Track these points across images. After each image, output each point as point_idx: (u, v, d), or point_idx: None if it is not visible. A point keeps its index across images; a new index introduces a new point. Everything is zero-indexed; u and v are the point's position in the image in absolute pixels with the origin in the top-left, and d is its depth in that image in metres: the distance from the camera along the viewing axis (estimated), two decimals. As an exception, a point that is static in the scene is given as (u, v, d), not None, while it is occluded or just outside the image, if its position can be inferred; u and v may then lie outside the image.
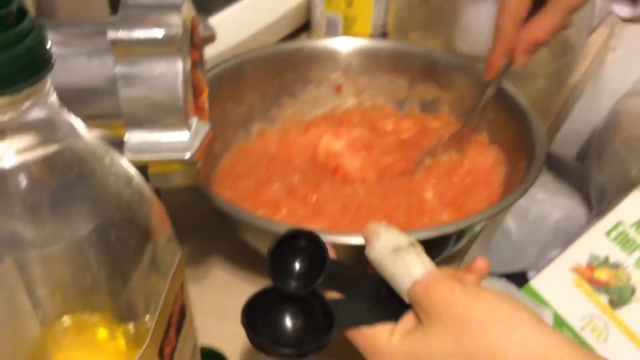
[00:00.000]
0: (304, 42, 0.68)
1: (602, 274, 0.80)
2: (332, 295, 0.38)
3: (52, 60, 0.23)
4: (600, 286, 0.80)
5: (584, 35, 0.76)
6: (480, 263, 0.38)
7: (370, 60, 0.66)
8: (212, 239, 0.56)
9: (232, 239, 0.55)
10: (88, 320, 0.31)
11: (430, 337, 0.32)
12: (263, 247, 0.48)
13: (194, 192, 0.47)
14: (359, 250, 0.37)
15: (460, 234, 0.47)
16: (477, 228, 0.50)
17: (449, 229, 0.45)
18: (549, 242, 0.89)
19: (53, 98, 0.24)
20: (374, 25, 0.78)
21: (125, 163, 0.27)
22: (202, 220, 0.57)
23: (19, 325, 0.28)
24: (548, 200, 0.89)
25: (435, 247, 0.46)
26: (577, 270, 0.77)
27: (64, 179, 0.25)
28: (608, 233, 0.82)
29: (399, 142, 0.62)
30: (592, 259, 0.78)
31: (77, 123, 0.25)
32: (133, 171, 0.27)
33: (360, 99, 0.67)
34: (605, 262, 0.81)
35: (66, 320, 0.31)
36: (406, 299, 0.35)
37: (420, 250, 0.36)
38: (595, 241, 0.80)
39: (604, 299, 0.80)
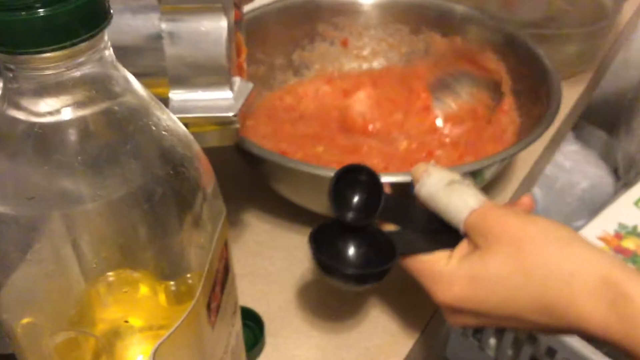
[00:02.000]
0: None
1: (629, 243, 0.80)
2: (389, 227, 0.40)
3: (110, 14, 0.23)
4: (627, 255, 0.80)
5: (620, 0, 0.74)
6: (526, 199, 0.40)
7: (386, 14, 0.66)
8: (242, 202, 0.56)
9: (262, 202, 0.56)
10: (130, 277, 0.31)
11: (488, 258, 0.35)
12: (299, 195, 0.50)
13: (227, 151, 0.47)
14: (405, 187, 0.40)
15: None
16: (486, 174, 0.50)
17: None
18: (575, 211, 0.89)
19: (110, 52, 0.24)
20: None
21: (177, 120, 0.27)
22: (232, 184, 0.58)
23: (64, 280, 0.28)
24: (575, 169, 0.88)
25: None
26: (604, 239, 0.76)
27: (120, 133, 0.25)
28: (637, 202, 0.81)
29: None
30: (620, 228, 0.78)
31: (132, 79, 0.26)
32: (184, 128, 0.27)
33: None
34: (634, 231, 0.80)
35: (110, 276, 0.31)
36: (461, 229, 0.37)
37: (471, 183, 0.38)
38: (624, 210, 0.80)
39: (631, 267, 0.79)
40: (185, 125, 0.36)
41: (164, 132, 0.26)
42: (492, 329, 0.65)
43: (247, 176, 0.58)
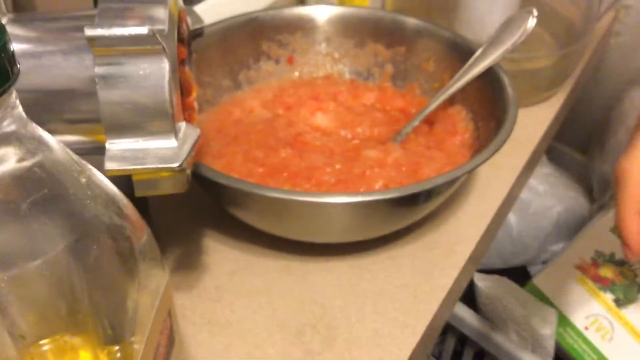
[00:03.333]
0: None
1: (607, 272, 0.78)
2: None
3: (16, 69, 0.20)
4: (605, 284, 0.78)
5: (591, 21, 0.73)
6: None
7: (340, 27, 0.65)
8: (201, 241, 0.53)
9: (222, 240, 0.53)
10: (69, 343, 0.29)
11: None
12: (265, 223, 0.49)
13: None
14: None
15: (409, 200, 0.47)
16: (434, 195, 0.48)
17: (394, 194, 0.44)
18: (551, 235, 0.87)
19: (19, 111, 0.21)
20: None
21: (103, 179, 0.24)
22: (192, 222, 0.55)
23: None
24: (549, 192, 0.87)
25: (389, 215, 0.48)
26: (581, 267, 0.75)
27: (33, 197, 0.22)
28: (613, 229, 0.79)
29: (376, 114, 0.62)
30: (597, 256, 0.76)
31: (49, 139, 0.23)
32: (112, 188, 0.24)
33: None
34: (611, 259, 0.79)
35: (45, 344, 0.29)
36: None
37: None
38: (600, 237, 0.78)
39: (609, 297, 0.78)
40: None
41: (86, 195, 0.23)
42: None
43: (205, 210, 0.55)
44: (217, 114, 0.61)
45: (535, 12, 0.55)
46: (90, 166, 0.24)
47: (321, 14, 0.65)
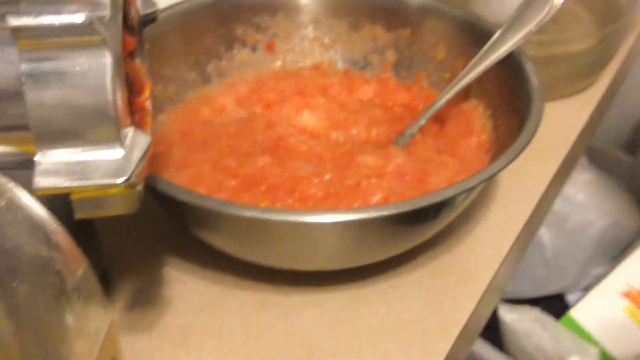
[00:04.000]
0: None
1: (661, 300, 0.78)
2: None
3: None
4: (659, 315, 0.78)
5: (636, -5, 0.74)
6: None
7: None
8: (162, 275, 0.53)
9: (186, 268, 0.53)
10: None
11: None
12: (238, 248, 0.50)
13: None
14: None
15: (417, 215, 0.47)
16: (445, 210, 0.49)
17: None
18: (592, 257, 0.88)
19: None
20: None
21: (29, 202, 0.25)
22: (150, 248, 0.55)
23: None
24: (591, 204, 0.87)
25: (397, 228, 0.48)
26: (629, 295, 0.75)
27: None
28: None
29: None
30: (649, 280, 0.76)
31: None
32: (39, 213, 0.25)
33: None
34: (666, 285, 0.79)
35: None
36: None
37: None
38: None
39: (663, 331, 0.77)
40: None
41: (6, 226, 0.23)
42: None
43: (166, 234, 0.56)
44: (182, 114, 0.61)
45: (563, -14, 0.55)
46: (11, 185, 0.24)
47: None
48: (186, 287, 0.52)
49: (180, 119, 0.61)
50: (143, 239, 0.56)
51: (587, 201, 0.87)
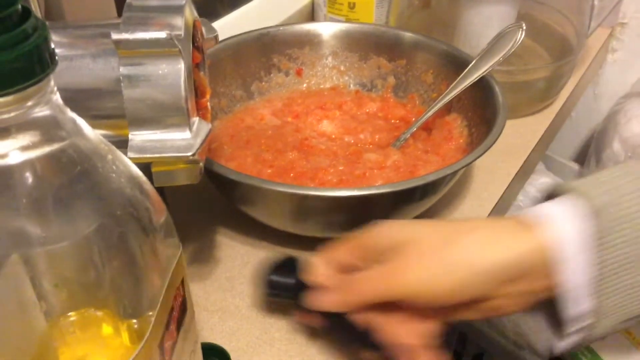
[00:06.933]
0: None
1: None
2: None
3: (55, 60, 0.23)
4: None
5: (583, 36, 0.75)
6: None
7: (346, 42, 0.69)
8: (214, 240, 0.56)
9: (233, 236, 0.56)
10: (93, 316, 0.31)
11: None
12: (273, 217, 0.53)
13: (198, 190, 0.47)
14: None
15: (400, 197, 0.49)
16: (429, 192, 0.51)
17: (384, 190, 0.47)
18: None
19: (57, 97, 0.24)
20: (376, 28, 0.78)
21: (128, 161, 0.27)
22: (206, 221, 0.58)
23: (25, 320, 0.28)
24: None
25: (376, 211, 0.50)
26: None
27: (67, 176, 0.25)
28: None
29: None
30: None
31: (81, 122, 0.26)
32: (135, 169, 0.28)
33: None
34: None
35: (72, 316, 0.31)
36: None
37: None
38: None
39: None
40: (149, 165, 0.37)
41: (113, 174, 0.26)
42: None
43: (218, 209, 0.58)
44: (231, 121, 0.64)
45: (524, 26, 0.57)
46: (113, 147, 0.27)
47: (328, 30, 0.68)
48: (233, 250, 0.55)
49: (230, 125, 0.63)
50: (201, 214, 0.59)
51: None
